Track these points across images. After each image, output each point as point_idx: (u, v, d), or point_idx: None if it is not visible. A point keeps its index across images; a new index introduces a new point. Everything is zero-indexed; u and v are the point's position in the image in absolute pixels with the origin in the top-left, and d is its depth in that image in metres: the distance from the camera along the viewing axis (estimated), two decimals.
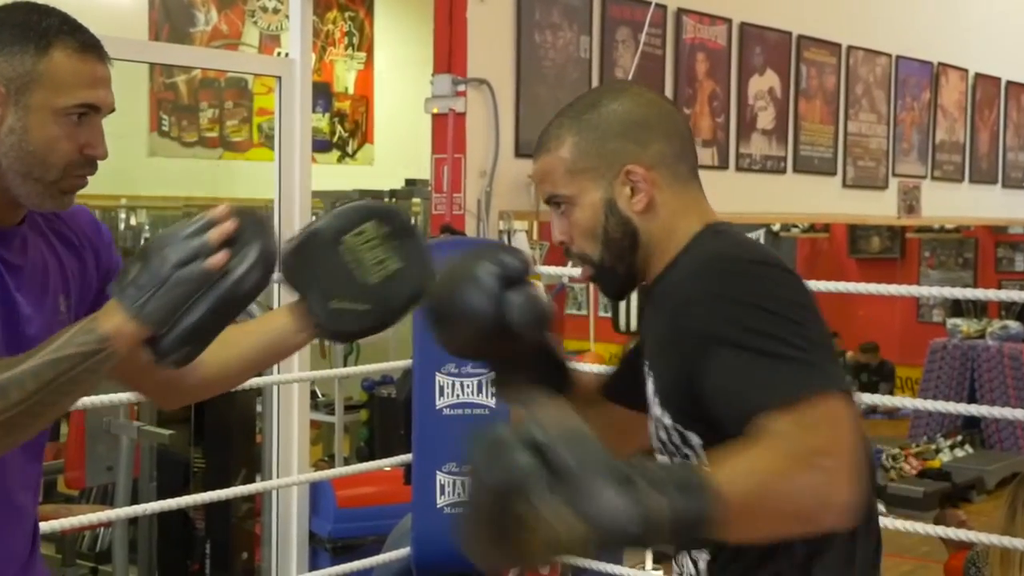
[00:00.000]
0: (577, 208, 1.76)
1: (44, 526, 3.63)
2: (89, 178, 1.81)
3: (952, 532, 3.74)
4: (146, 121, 9.87)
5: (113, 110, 1.81)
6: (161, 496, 4.76)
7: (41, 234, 1.86)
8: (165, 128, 9.94)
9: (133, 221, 10.92)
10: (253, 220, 1.69)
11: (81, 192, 1.83)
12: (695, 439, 1.65)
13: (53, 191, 1.75)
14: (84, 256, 1.92)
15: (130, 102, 9.76)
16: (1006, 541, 3.47)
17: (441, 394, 4.25)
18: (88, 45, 1.75)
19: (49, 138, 1.71)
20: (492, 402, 4.33)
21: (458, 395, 4.25)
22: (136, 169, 9.72)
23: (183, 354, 1.65)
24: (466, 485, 1.41)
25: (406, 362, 4.46)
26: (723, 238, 1.74)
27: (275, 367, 4.65)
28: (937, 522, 6.30)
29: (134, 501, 4.89)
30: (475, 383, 4.35)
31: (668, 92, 6.49)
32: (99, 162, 1.81)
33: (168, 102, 9.98)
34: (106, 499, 5.52)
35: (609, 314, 11.85)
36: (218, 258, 1.61)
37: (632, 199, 1.74)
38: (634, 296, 6.96)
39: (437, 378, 4.27)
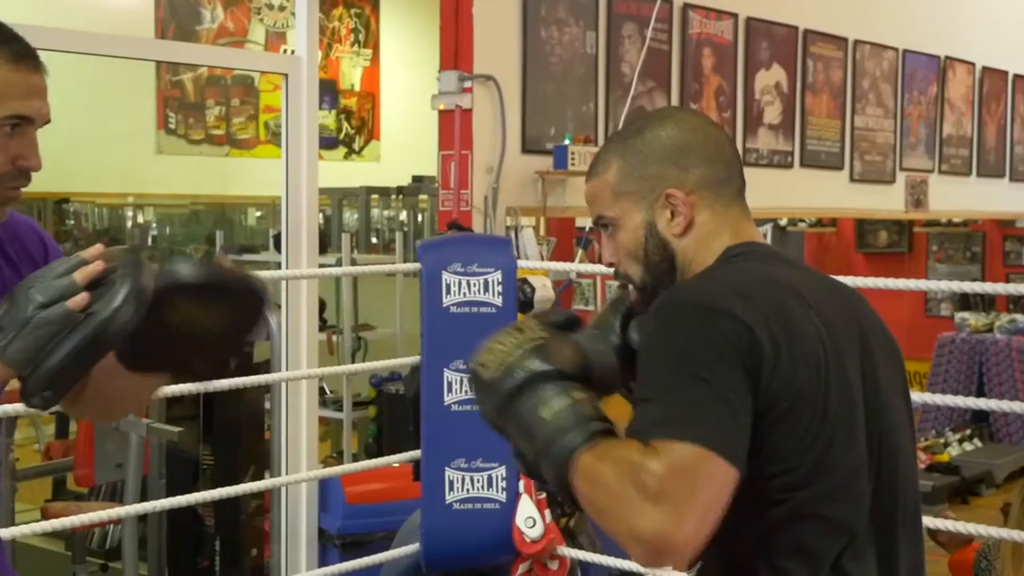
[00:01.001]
0: (621, 230, 1.82)
1: (54, 523, 3.65)
2: (27, 181, 1.78)
3: (962, 526, 3.74)
4: (153, 119, 9.88)
5: (48, 121, 1.77)
6: (170, 493, 4.77)
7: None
8: (172, 126, 9.95)
9: (140, 219, 10.93)
10: (127, 261, 1.63)
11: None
12: None
13: None
14: (23, 273, 1.86)
15: (137, 100, 9.77)
16: (1015, 535, 3.47)
17: (449, 390, 4.26)
18: (21, 55, 1.71)
19: None
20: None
21: (466, 391, 4.26)
22: (143, 167, 9.74)
23: (45, 398, 1.62)
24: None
25: (414, 359, 4.46)
26: (724, 266, 1.78)
27: (283, 363, 4.67)
28: (929, 534, 6.30)
29: (143, 498, 4.89)
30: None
31: (674, 88, 6.49)
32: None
33: (175, 100, 9.99)
34: (115, 496, 5.53)
35: None
36: (79, 299, 1.58)
37: (672, 222, 1.79)
38: None
39: (445, 374, 4.27)
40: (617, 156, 1.82)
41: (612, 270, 1.86)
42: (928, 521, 4.00)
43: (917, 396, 4.44)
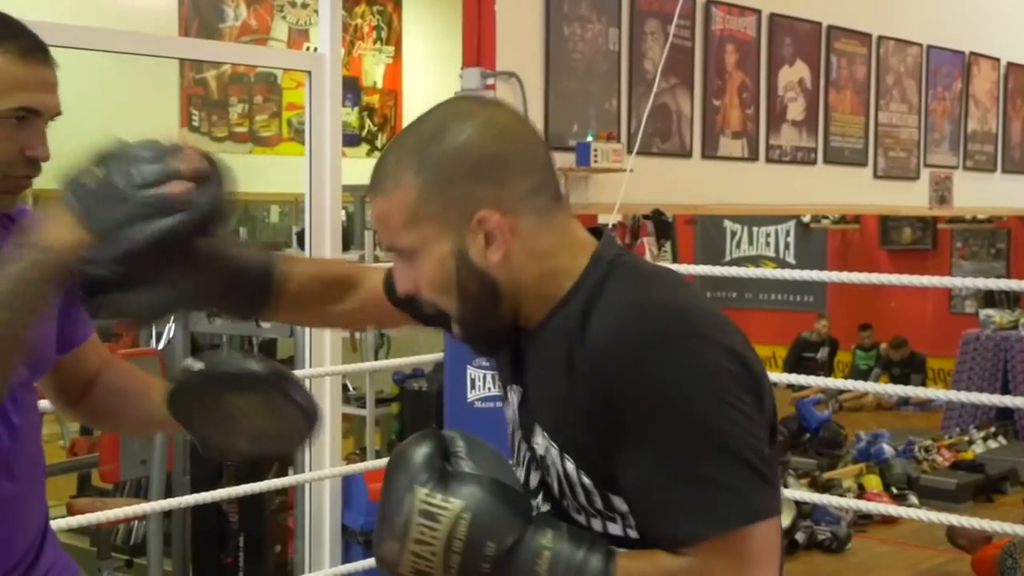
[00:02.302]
0: (422, 260, 1.49)
1: (80, 519, 3.66)
2: (36, 171, 1.77)
3: (987, 524, 3.72)
4: (176, 117, 9.91)
5: (58, 113, 1.78)
6: (195, 490, 4.78)
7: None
8: (195, 124, 9.98)
9: None
10: (218, 167, 1.61)
11: None
12: (621, 505, 1.47)
13: (3, 189, 1.75)
14: None
15: (160, 98, 9.80)
16: None
17: (472, 387, 4.27)
18: (29, 49, 1.72)
19: None
20: None
21: (489, 388, 4.26)
22: None
23: (113, 274, 1.56)
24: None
25: (437, 356, 4.47)
26: (630, 277, 1.51)
27: (307, 360, 4.68)
28: (949, 538, 6.29)
29: (168, 495, 4.91)
30: None
31: (697, 84, 6.48)
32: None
33: (198, 98, 10.01)
34: (140, 493, 5.55)
35: None
36: (183, 186, 1.55)
37: (488, 250, 1.46)
38: None
39: (468, 371, 4.28)
40: (411, 170, 1.46)
41: None
42: (959, 521, 3.99)
43: (942, 393, 4.43)
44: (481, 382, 4.28)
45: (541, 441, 1.52)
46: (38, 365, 1.85)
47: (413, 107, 11.09)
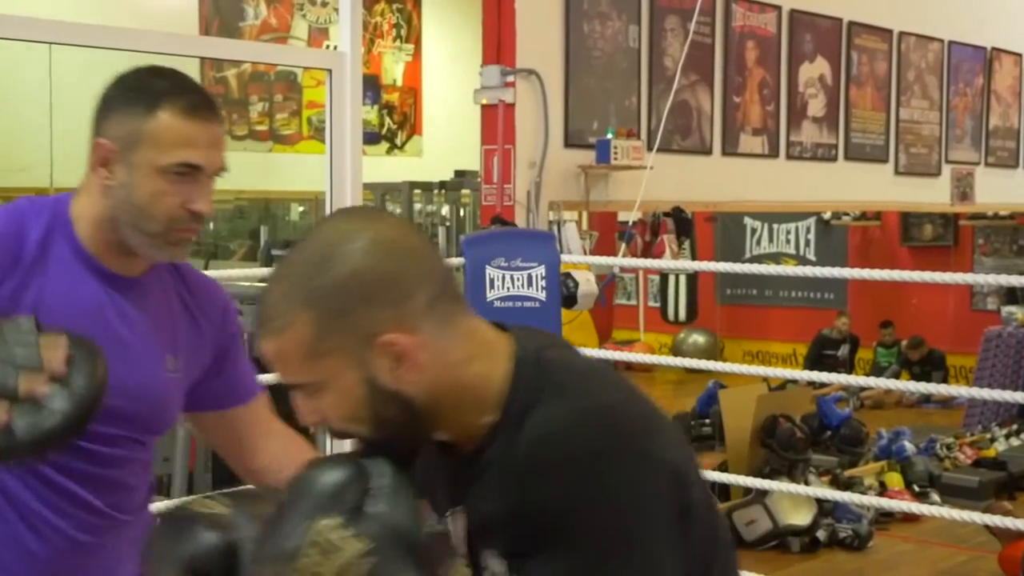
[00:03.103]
0: (328, 393, 1.41)
1: None
2: (199, 224, 1.85)
3: (1009, 521, 3.70)
4: None
5: (224, 170, 1.86)
6: (216, 487, 4.80)
7: (164, 292, 1.94)
8: None
9: None
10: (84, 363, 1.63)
11: None
12: None
13: (160, 242, 1.83)
14: (201, 327, 1.98)
15: None
16: None
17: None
18: (196, 106, 1.80)
19: (152, 193, 1.79)
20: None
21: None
22: None
23: None
24: None
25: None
26: (564, 379, 1.45)
27: None
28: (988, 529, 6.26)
29: (190, 492, 4.93)
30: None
31: (717, 80, 6.47)
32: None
33: (218, 96, 10.04)
34: (162, 490, 5.58)
35: (659, 304, 11.81)
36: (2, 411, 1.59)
37: (398, 371, 1.40)
38: (682, 284, 6.92)
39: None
40: (303, 306, 1.38)
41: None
42: (981, 518, 3.97)
43: (964, 391, 4.42)
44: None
45: (494, 563, 1.46)
46: (150, 424, 1.90)
47: (432, 105, 11.11)
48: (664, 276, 9.22)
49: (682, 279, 8.74)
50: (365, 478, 1.36)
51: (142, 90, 1.81)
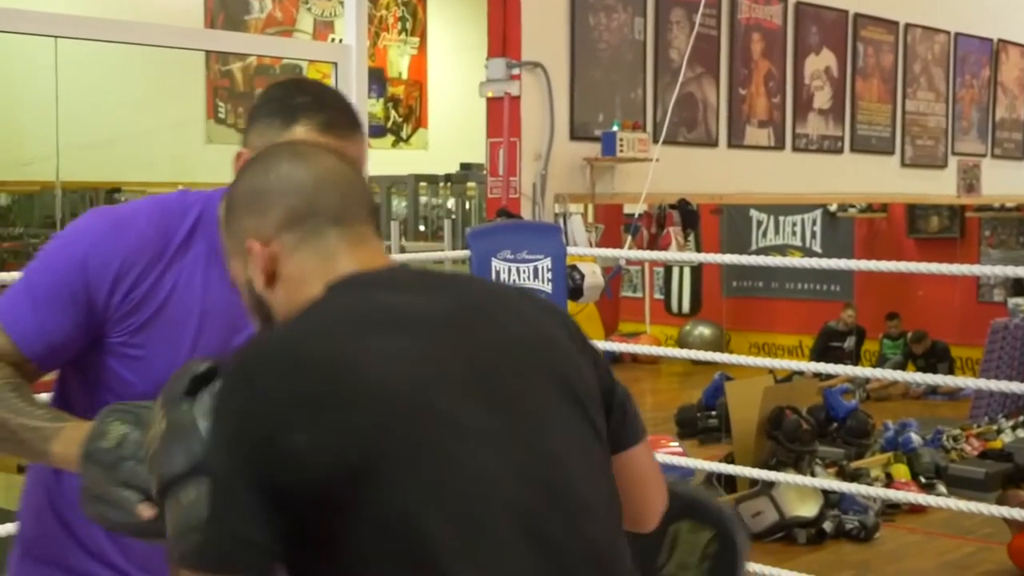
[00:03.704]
0: (238, 284, 1.62)
1: None
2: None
3: (1017, 512, 3.71)
4: (203, 108, 9.95)
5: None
6: None
7: None
8: (221, 115, 10.02)
9: None
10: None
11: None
12: None
13: None
14: None
15: (187, 90, 9.84)
16: None
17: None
18: (330, 124, 1.82)
19: None
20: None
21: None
22: (193, 156, 9.80)
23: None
24: None
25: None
26: (296, 318, 1.51)
27: None
28: (1000, 504, 6.26)
29: None
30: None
31: (723, 73, 6.46)
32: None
33: (224, 89, 10.05)
34: None
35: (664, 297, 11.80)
36: (150, 512, 1.57)
37: (258, 277, 1.56)
38: (686, 276, 6.94)
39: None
40: (221, 210, 1.63)
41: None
42: (988, 509, 3.97)
43: (971, 382, 4.42)
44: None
45: None
46: None
47: (438, 98, 11.11)
48: (668, 268, 9.22)
49: (686, 271, 8.72)
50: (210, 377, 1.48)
51: (283, 103, 1.84)
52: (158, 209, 1.88)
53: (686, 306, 9.13)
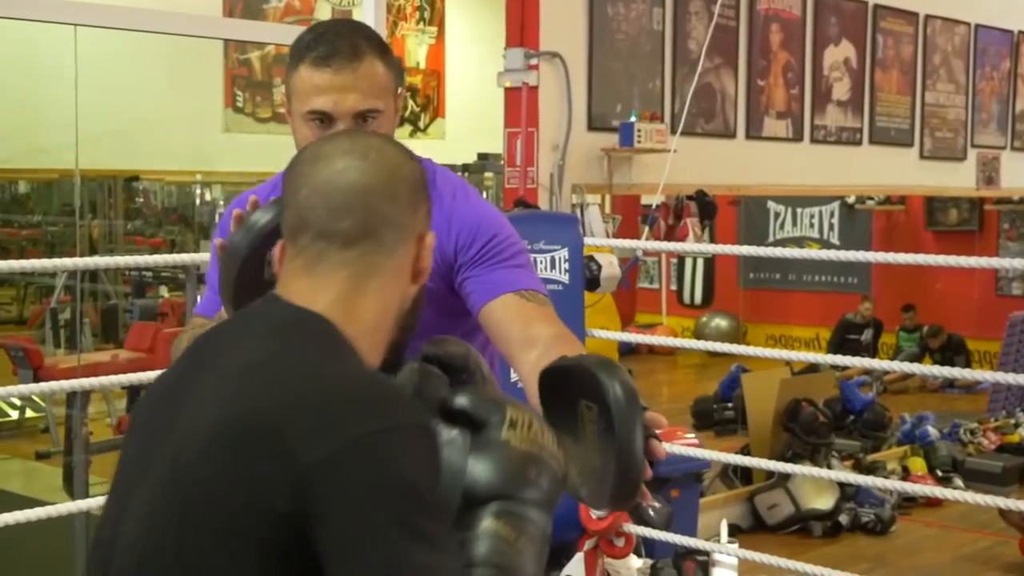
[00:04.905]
0: None
1: None
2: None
3: None
4: (221, 97, 9.96)
5: (357, 112, 1.95)
6: None
7: None
8: (239, 104, 10.03)
9: (208, 196, 11.03)
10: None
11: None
12: None
13: None
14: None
15: (205, 79, 9.86)
16: None
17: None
18: (324, 57, 1.94)
19: (302, 139, 1.96)
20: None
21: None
22: (211, 145, 9.82)
23: None
24: None
25: None
26: None
27: None
28: (1003, 516, 6.24)
29: None
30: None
31: (742, 64, 6.45)
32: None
33: (242, 78, 10.06)
34: None
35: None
36: None
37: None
38: (699, 267, 6.96)
39: None
40: None
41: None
42: (1005, 503, 3.96)
43: (988, 375, 4.40)
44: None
45: None
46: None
47: (455, 87, 11.10)
48: (681, 259, 9.18)
49: (699, 263, 8.71)
50: None
51: (296, 46, 1.98)
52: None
53: (698, 297, 9.11)
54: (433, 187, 2.00)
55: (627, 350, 11.19)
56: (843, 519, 6.55)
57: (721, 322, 12.98)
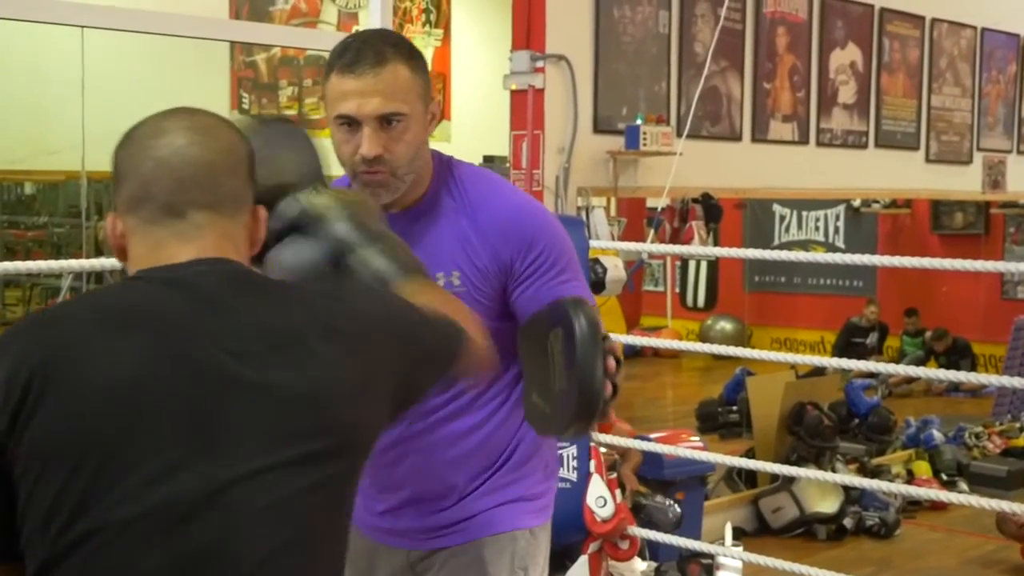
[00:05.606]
0: None
1: None
2: (373, 165, 2.06)
3: None
4: (227, 99, 9.96)
5: (380, 115, 2.04)
6: None
7: (440, 215, 2.20)
8: (245, 106, 10.03)
9: None
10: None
11: None
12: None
13: (359, 183, 2.09)
14: (473, 241, 2.15)
15: (211, 81, 9.86)
16: None
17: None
18: (348, 64, 2.04)
19: (336, 144, 2.08)
20: None
21: None
22: None
23: None
24: None
25: None
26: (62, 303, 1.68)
27: None
28: (998, 526, 6.24)
29: None
30: None
31: (748, 67, 6.45)
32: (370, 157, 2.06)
33: (248, 80, 10.07)
34: None
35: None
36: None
37: (114, 252, 1.59)
38: (702, 270, 6.97)
39: None
40: None
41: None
42: (1011, 507, 3.96)
43: (994, 379, 4.40)
44: None
45: None
46: None
47: (461, 90, 11.10)
48: (685, 262, 9.17)
49: (703, 266, 8.70)
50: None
51: (330, 55, 2.08)
52: None
53: (701, 300, 9.10)
54: (455, 182, 2.29)
55: (632, 353, 11.18)
56: (848, 522, 6.54)
57: (726, 325, 12.98)
